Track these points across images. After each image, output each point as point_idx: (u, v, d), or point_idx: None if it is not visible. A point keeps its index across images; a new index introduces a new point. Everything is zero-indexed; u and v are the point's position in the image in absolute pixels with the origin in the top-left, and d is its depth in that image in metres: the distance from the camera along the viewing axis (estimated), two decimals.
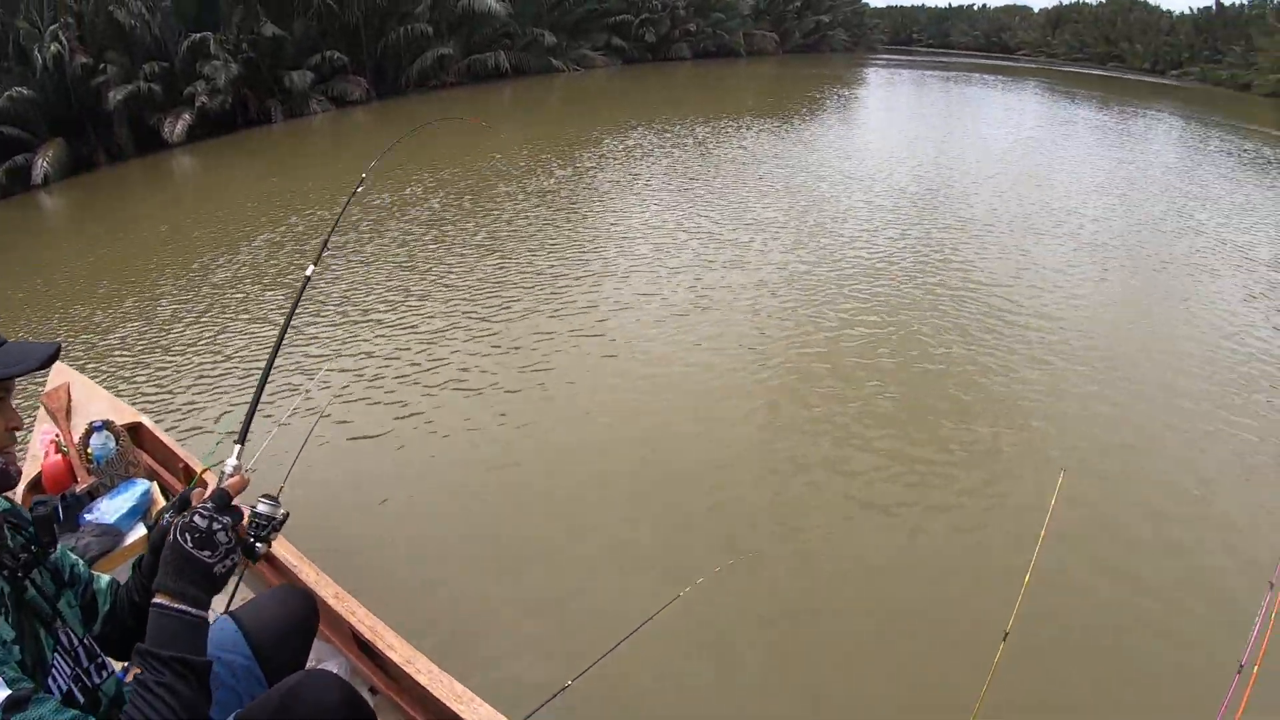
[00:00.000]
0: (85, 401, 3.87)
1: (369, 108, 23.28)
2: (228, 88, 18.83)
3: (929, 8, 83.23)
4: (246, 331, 6.96)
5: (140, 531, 3.03)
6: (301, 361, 6.33)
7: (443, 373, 6.10)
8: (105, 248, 9.94)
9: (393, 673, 2.35)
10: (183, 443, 4.38)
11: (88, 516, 3.04)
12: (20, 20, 15.94)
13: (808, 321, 7.01)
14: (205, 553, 1.34)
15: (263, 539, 1.56)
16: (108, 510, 3.07)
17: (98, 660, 1.50)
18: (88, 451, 3.37)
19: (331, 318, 7.17)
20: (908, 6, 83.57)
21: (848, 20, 57.52)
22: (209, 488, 1.49)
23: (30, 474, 3.28)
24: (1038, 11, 68.58)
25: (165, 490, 3.49)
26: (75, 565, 1.61)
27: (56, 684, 1.35)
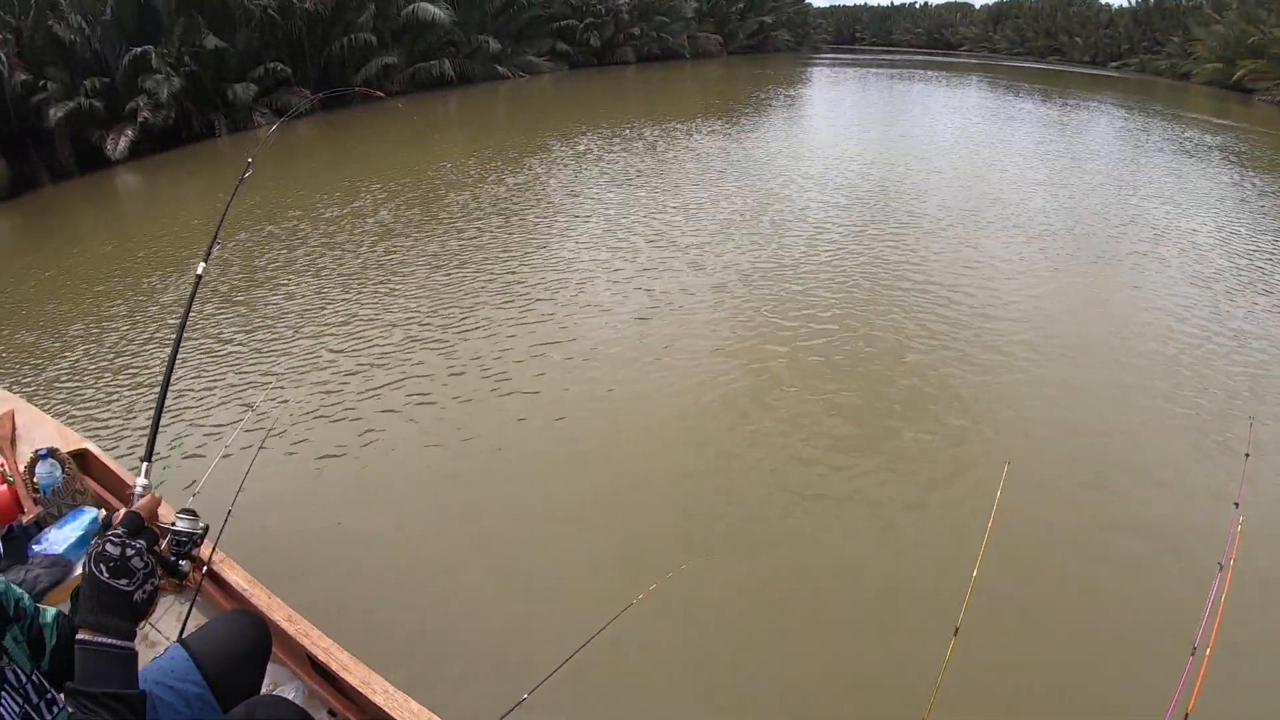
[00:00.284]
0: (30, 429, 3.79)
1: (313, 119, 22.99)
2: (170, 102, 18.44)
3: (872, 6, 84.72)
4: (197, 352, 6.85)
5: None
6: (252, 378, 6.24)
7: (396, 389, 6.04)
8: (50, 270, 9.70)
9: (350, 694, 2.34)
10: (131, 468, 4.31)
11: (36, 548, 2.99)
12: None
13: (765, 323, 7.09)
14: (122, 581, 1.32)
15: (186, 556, 1.54)
16: (56, 540, 3.01)
17: (47, 696, 1.48)
18: (34, 480, 3.30)
19: (283, 334, 7.08)
20: (850, 6, 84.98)
21: (791, 20, 58.36)
22: (119, 512, 1.47)
23: None
24: (979, 8, 70.10)
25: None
26: (20, 599, 1.58)
27: None
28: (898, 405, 5.70)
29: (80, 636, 1.28)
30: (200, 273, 2.19)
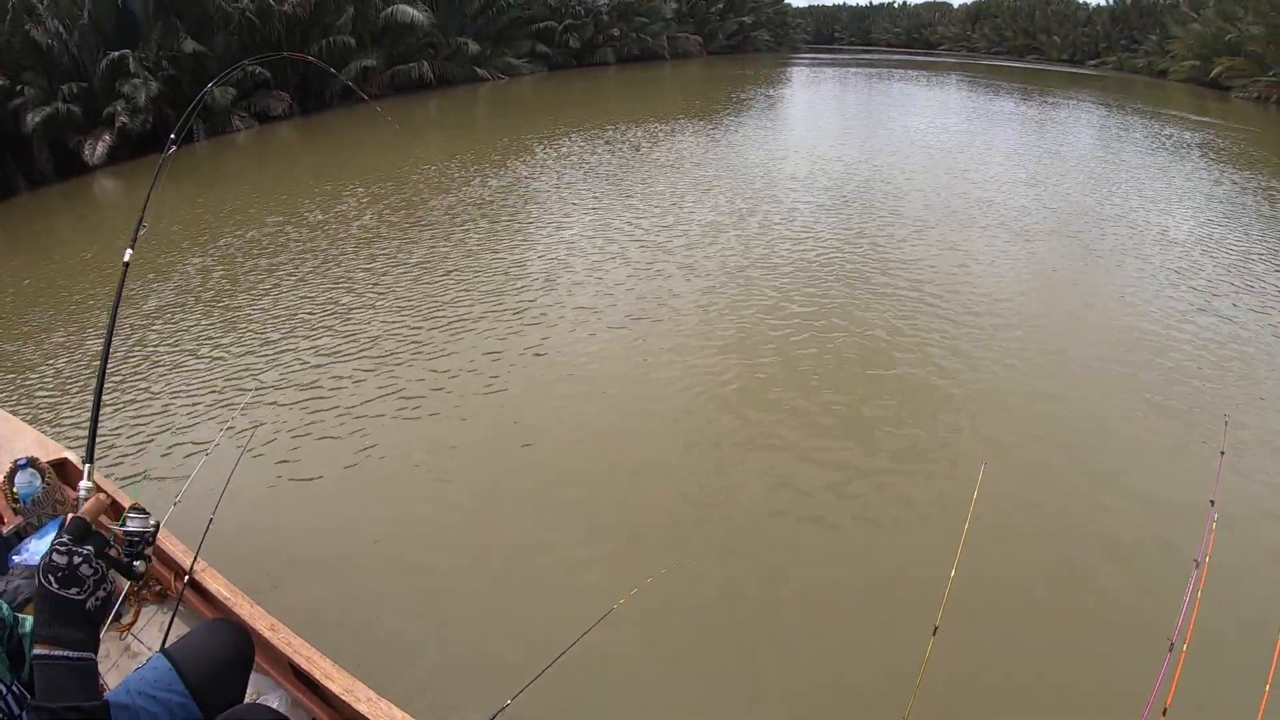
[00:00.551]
0: (10, 438, 3.76)
1: (293, 123, 22.88)
2: (148, 106, 18.29)
3: (851, 6, 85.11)
4: (177, 360, 6.81)
5: None
6: (233, 387, 6.21)
7: (380, 397, 6.02)
8: (28, 278, 9.62)
9: (333, 702, 2.34)
10: (110, 476, 4.29)
11: (16, 558, 2.96)
12: None
13: (750, 327, 7.12)
14: (72, 590, 1.29)
15: (140, 556, 1.51)
16: (37, 550, 2.99)
17: (29, 706, 1.49)
18: (13, 491, 3.28)
19: (266, 340, 7.05)
20: (830, 6, 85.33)
21: (771, 20, 58.56)
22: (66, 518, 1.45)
23: None
24: (958, 7, 70.46)
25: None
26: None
27: None
28: (878, 406, 5.73)
29: (36, 652, 1.26)
30: (127, 260, 2.19)
